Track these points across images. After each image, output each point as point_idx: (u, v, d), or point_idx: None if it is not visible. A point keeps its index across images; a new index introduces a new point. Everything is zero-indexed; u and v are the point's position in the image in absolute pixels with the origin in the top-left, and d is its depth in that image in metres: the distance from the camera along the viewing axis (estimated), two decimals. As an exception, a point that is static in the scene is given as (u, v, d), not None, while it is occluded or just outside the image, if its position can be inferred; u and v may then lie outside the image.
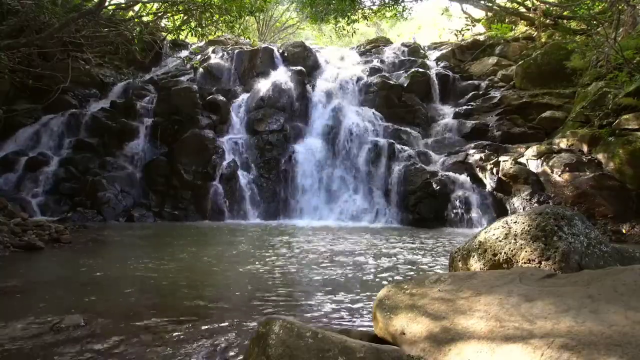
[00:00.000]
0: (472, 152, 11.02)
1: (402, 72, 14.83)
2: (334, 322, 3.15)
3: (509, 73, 14.02)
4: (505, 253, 2.57)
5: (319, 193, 11.47)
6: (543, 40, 14.54)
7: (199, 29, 11.78)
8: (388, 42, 19.22)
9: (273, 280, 4.44)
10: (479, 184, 10.28)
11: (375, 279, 4.58)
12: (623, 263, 2.50)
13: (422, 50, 17.11)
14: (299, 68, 14.19)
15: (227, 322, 3.11)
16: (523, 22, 16.45)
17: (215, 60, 15.09)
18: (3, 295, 3.71)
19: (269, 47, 15.86)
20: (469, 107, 13.30)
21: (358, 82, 14.03)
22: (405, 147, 11.77)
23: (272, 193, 11.41)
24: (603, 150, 9.31)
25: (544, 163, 9.77)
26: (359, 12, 16.70)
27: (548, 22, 14.90)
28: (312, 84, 14.04)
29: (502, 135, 11.86)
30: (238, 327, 3.01)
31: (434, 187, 10.20)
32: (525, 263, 2.47)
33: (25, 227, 6.68)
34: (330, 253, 6.10)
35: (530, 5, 15.92)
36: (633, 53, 9.48)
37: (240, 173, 11.39)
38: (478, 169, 10.49)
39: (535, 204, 9.17)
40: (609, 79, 10.20)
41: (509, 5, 17.22)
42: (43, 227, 6.82)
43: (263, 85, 13.33)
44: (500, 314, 1.84)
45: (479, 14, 19.10)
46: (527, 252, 2.48)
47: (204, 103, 12.66)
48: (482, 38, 16.58)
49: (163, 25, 14.88)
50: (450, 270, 2.95)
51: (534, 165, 9.93)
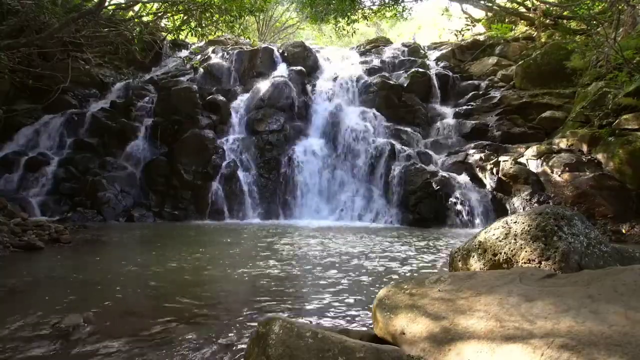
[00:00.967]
0: (472, 152, 11.02)
1: (402, 72, 14.83)
2: (334, 322, 3.15)
3: (509, 73, 14.02)
4: (505, 253, 2.57)
5: (319, 193, 11.48)
6: (543, 40, 14.54)
7: (199, 29, 11.79)
8: (388, 42, 19.22)
9: (273, 280, 4.44)
10: (479, 184, 10.28)
11: (375, 279, 4.58)
12: (623, 263, 2.50)
13: (422, 50, 17.11)
14: (299, 68, 14.19)
15: (227, 322, 3.11)
16: (523, 22, 16.45)
17: (215, 60, 15.09)
18: (3, 295, 3.71)
19: (269, 47, 15.87)
20: (469, 107, 13.30)
21: (358, 82, 14.03)
22: (405, 147, 11.77)
23: (272, 193, 11.41)
24: (603, 150, 9.31)
25: (544, 163, 9.77)
26: (359, 12, 16.70)
27: (548, 22, 14.90)
28: (312, 84, 14.05)
29: (502, 135, 11.86)
30: (238, 327, 3.01)
31: (434, 187, 10.20)
32: (525, 263, 2.47)
33: (25, 227, 6.68)
34: (330, 253, 6.10)
35: (530, 5, 15.93)
36: (633, 53, 9.48)
37: (240, 173, 11.39)
38: (478, 169, 10.49)
39: (535, 204, 9.17)
40: (609, 79, 10.20)
41: (509, 5, 17.22)
42: (43, 227, 6.82)
43: (263, 85, 13.33)
44: (500, 314, 1.84)
45: (479, 14, 19.11)
46: (527, 252, 2.48)
47: (204, 103, 12.66)
48: (482, 38, 16.58)
49: (163, 25, 14.89)
50: (450, 270, 2.95)
51: (534, 165, 9.93)
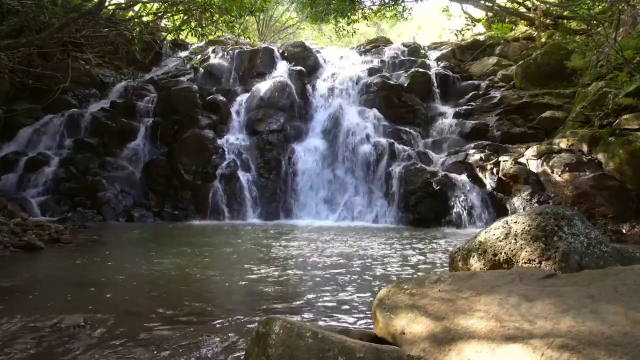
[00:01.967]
0: (472, 152, 11.01)
1: (402, 72, 14.83)
2: (334, 322, 3.15)
3: (509, 73, 14.02)
4: (506, 253, 2.57)
5: (319, 193, 11.47)
6: (543, 40, 14.54)
7: (199, 29, 11.79)
8: (388, 42, 19.22)
9: (273, 281, 4.44)
10: (479, 184, 10.27)
11: (375, 279, 4.58)
12: (623, 263, 2.49)
13: (422, 50, 17.12)
14: (299, 68, 14.19)
15: (227, 322, 3.11)
16: (523, 22, 16.45)
17: (215, 60, 15.09)
18: (3, 295, 3.71)
19: (269, 47, 15.87)
20: (469, 107, 13.30)
21: (358, 82, 14.03)
22: (405, 147, 11.77)
23: (272, 193, 11.40)
24: (603, 150, 9.30)
25: (544, 163, 9.77)
26: (359, 12, 16.69)
27: (548, 22, 14.90)
28: (312, 84, 14.04)
29: (502, 135, 11.86)
30: (238, 327, 3.01)
31: (434, 187, 10.19)
32: (526, 263, 2.47)
33: (25, 227, 6.68)
34: (330, 253, 6.10)
35: (530, 5, 15.92)
36: (633, 53, 9.47)
37: (240, 173, 11.38)
38: (478, 169, 10.49)
39: (535, 204, 9.16)
40: (609, 79, 10.19)
41: (509, 5, 17.22)
42: (43, 227, 6.82)
43: (263, 85, 13.32)
44: (501, 314, 1.84)
45: (479, 14, 19.10)
46: (527, 252, 2.48)
47: (204, 103, 12.66)
48: (482, 38, 16.58)
49: (163, 25, 14.89)
50: (451, 270, 2.95)
51: (534, 165, 9.92)
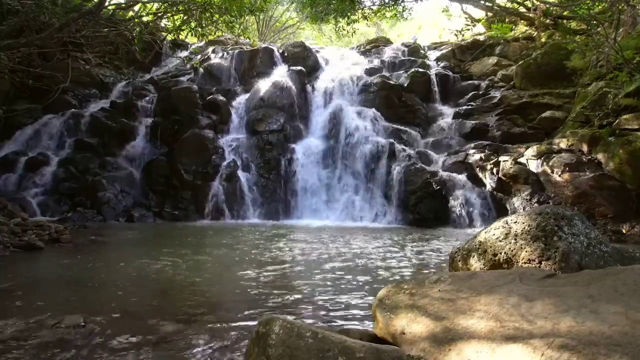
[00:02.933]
0: (472, 152, 11.01)
1: (402, 72, 14.83)
2: (334, 322, 3.15)
3: (509, 73, 14.02)
4: (506, 253, 2.57)
5: (319, 193, 11.47)
6: (543, 40, 14.54)
7: (199, 29, 11.78)
8: (388, 42, 19.22)
9: (273, 281, 4.44)
10: (479, 184, 10.27)
11: (375, 279, 4.58)
12: (623, 263, 2.50)
13: (422, 50, 17.12)
14: (299, 68, 14.18)
15: (227, 322, 3.11)
16: (523, 22, 16.44)
17: (215, 60, 15.09)
18: (3, 295, 3.71)
19: (269, 47, 15.86)
20: (469, 107, 13.29)
21: (358, 82, 14.02)
22: (405, 147, 11.76)
23: (272, 193, 11.40)
24: (603, 150, 9.30)
25: (544, 163, 9.76)
26: (359, 12, 16.69)
27: (548, 22, 14.89)
28: (312, 84, 14.04)
29: (502, 135, 11.85)
30: (238, 327, 3.01)
31: (434, 187, 10.20)
32: (526, 263, 2.47)
33: (25, 227, 6.68)
34: (330, 253, 6.10)
35: (530, 5, 15.92)
36: (633, 53, 9.47)
37: (240, 173, 11.38)
38: (478, 169, 10.49)
39: (535, 204, 9.16)
40: (609, 79, 10.19)
41: (509, 5, 17.22)
42: (43, 227, 6.82)
43: (263, 85, 13.32)
44: (501, 314, 1.84)
45: (479, 14, 19.10)
46: (527, 252, 2.48)
47: (204, 103, 12.66)
48: (482, 38, 16.58)
49: (163, 25, 14.88)
50: (450, 270, 2.95)
51: (534, 165, 9.92)
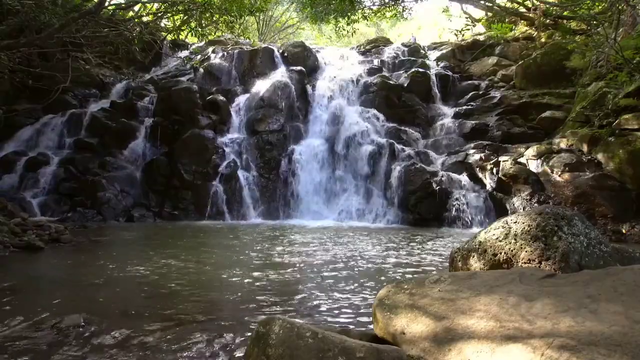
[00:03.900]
0: (472, 152, 11.02)
1: (402, 72, 14.84)
2: (334, 322, 3.15)
3: (509, 73, 14.03)
4: (505, 253, 2.57)
5: (319, 193, 11.47)
6: (543, 40, 14.55)
7: (199, 29, 11.78)
8: (388, 42, 19.22)
9: (273, 281, 4.44)
10: (479, 184, 10.28)
11: (375, 279, 4.58)
12: (623, 263, 2.50)
13: (422, 50, 17.12)
14: (299, 68, 14.19)
15: (227, 322, 3.11)
16: (523, 22, 16.45)
17: (215, 60, 15.09)
18: (3, 295, 3.71)
19: (269, 47, 15.86)
20: (469, 107, 13.30)
21: (358, 82, 14.03)
22: (405, 147, 11.77)
23: (272, 193, 11.41)
24: (603, 150, 9.31)
25: (544, 163, 9.77)
26: (359, 12, 16.71)
27: (548, 22, 14.90)
28: (312, 84, 14.05)
29: (502, 135, 11.86)
30: (238, 327, 3.01)
31: (434, 187, 10.20)
32: (525, 263, 2.47)
33: (25, 227, 6.68)
34: (330, 253, 6.10)
35: (530, 5, 15.93)
36: (633, 53, 9.47)
37: (240, 173, 11.38)
38: (478, 169, 10.49)
39: (535, 204, 9.16)
40: (609, 79, 10.19)
41: (509, 5, 17.22)
42: (43, 227, 6.82)
43: (263, 85, 13.33)
44: (500, 314, 1.85)
45: (479, 14, 19.11)
46: (527, 252, 2.48)
47: (204, 103, 12.66)
48: (482, 38, 16.58)
49: (163, 25, 14.88)
50: (450, 270, 2.95)
51: (534, 165, 9.92)
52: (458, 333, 1.84)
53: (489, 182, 10.17)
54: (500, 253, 2.59)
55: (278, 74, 13.95)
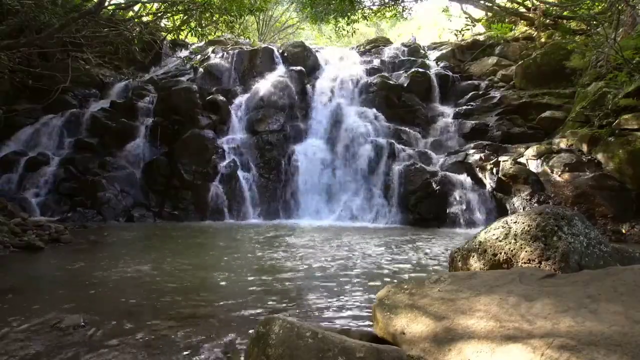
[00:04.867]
0: (472, 152, 11.01)
1: (402, 72, 14.83)
2: (334, 322, 3.15)
3: (509, 73, 14.02)
4: (505, 253, 2.57)
5: (319, 193, 11.47)
6: (543, 40, 14.54)
7: (199, 29, 11.78)
8: (388, 42, 19.22)
9: (273, 281, 4.44)
10: (479, 184, 10.28)
11: (375, 279, 4.58)
12: (623, 263, 2.50)
13: (422, 50, 17.12)
14: (299, 68, 14.19)
15: (227, 322, 3.11)
16: (523, 22, 16.45)
17: (215, 60, 15.09)
18: (3, 295, 3.71)
19: (269, 47, 15.86)
20: (469, 107, 13.30)
21: (358, 82, 14.03)
22: (405, 147, 11.77)
23: (272, 193, 11.40)
24: (603, 150, 9.30)
25: (544, 163, 9.77)
26: (359, 12, 16.70)
27: (548, 22, 14.90)
28: (312, 84, 14.04)
29: (502, 135, 11.86)
30: (238, 327, 3.01)
31: (434, 187, 10.20)
32: (525, 263, 2.47)
33: (25, 227, 6.69)
34: (330, 253, 6.10)
35: (530, 5, 15.93)
36: (633, 53, 9.47)
37: (240, 173, 11.38)
38: (478, 169, 10.49)
39: (535, 204, 9.16)
40: (609, 79, 10.19)
41: (509, 5, 17.22)
42: (43, 227, 6.83)
43: (263, 85, 13.32)
44: (500, 314, 1.85)
45: (479, 14, 19.11)
46: (527, 252, 2.48)
47: (204, 103, 12.65)
48: (482, 38, 16.58)
49: (163, 25, 14.88)
50: (450, 270, 2.95)
51: (534, 165, 9.92)
52: (458, 333, 1.84)
53: (489, 182, 10.17)
54: (500, 253, 2.59)
55: (278, 74, 13.95)
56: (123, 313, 3.27)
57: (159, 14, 12.92)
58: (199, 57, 15.55)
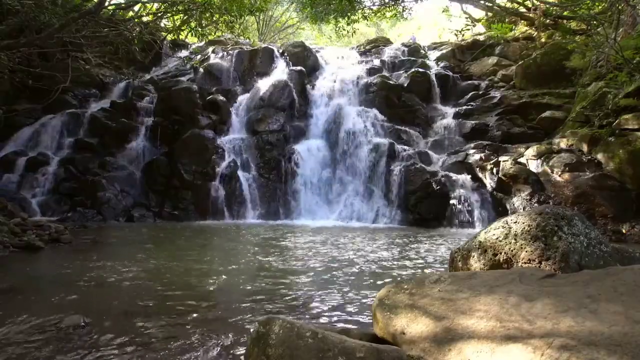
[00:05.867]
0: (472, 152, 11.02)
1: (402, 72, 14.83)
2: (334, 322, 3.15)
3: (509, 73, 14.03)
4: (506, 253, 2.57)
5: (319, 193, 11.47)
6: (543, 40, 14.55)
7: (199, 29, 11.77)
8: (388, 42, 19.22)
9: (272, 281, 4.44)
10: (479, 184, 10.28)
11: (375, 279, 4.58)
12: (623, 263, 2.50)
13: (422, 50, 17.12)
14: (299, 68, 14.19)
15: (226, 322, 3.11)
16: (523, 22, 16.45)
17: (215, 60, 15.09)
18: (3, 295, 3.71)
19: (269, 47, 15.87)
20: (469, 107, 13.30)
21: (358, 82, 14.03)
22: (405, 147, 11.77)
23: (272, 193, 11.40)
24: (603, 150, 9.31)
25: (544, 163, 9.77)
26: (359, 12, 16.71)
27: (548, 22, 14.90)
28: (312, 84, 14.05)
29: (502, 135, 11.86)
30: (238, 327, 3.01)
31: (434, 187, 10.20)
32: (526, 263, 2.47)
33: (25, 227, 6.68)
34: (330, 253, 6.10)
35: (530, 5, 15.93)
36: (633, 53, 9.47)
37: (240, 173, 11.38)
38: (478, 169, 10.49)
39: (535, 204, 9.16)
40: (609, 79, 10.19)
41: (509, 5, 17.22)
42: (43, 227, 6.82)
43: (263, 85, 13.32)
44: (501, 314, 1.84)
45: (479, 14, 19.11)
46: (527, 252, 2.48)
47: (204, 103, 12.66)
48: (482, 38, 16.59)
49: (163, 25, 14.88)
50: (450, 270, 2.95)
51: (534, 165, 9.92)
52: (458, 333, 1.84)
53: (489, 182, 10.17)
54: (501, 253, 2.59)
55: (278, 74, 13.95)
56: (123, 313, 3.27)
57: (159, 14, 12.92)
58: (199, 57, 15.56)
